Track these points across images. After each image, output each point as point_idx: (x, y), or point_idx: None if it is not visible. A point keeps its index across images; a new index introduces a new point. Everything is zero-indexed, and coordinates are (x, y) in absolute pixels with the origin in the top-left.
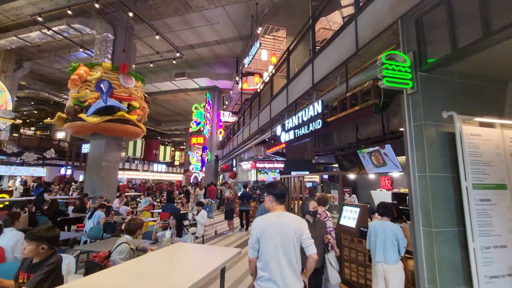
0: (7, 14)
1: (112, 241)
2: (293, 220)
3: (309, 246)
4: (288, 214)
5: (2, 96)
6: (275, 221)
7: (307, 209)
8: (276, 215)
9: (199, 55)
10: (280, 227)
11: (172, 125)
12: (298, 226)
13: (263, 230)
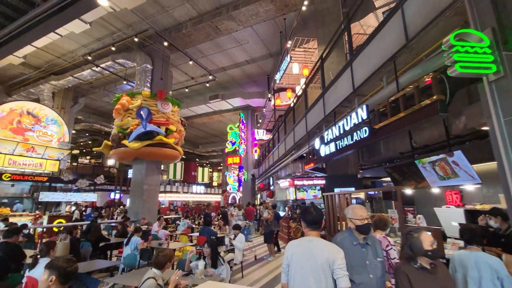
0: (65, 57)
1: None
2: (325, 246)
3: (341, 277)
4: (320, 241)
5: (60, 129)
6: (306, 246)
7: (420, 247)
8: (307, 240)
9: (231, 76)
10: (310, 253)
11: (209, 146)
12: (331, 254)
13: (293, 254)
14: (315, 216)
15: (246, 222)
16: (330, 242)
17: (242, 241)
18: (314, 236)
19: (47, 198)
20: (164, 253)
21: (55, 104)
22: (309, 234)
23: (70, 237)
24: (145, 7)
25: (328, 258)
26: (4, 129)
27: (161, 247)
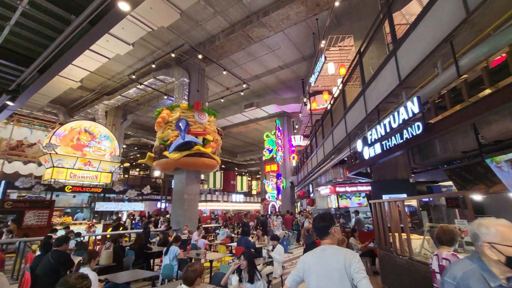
0: (114, 79)
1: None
2: (339, 252)
3: (360, 280)
4: (333, 247)
5: (112, 144)
6: (319, 256)
7: None
8: (321, 249)
9: (265, 84)
10: (324, 262)
11: (247, 155)
12: (346, 259)
13: (309, 265)
14: (320, 225)
15: (285, 232)
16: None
17: (281, 252)
18: (326, 244)
19: (102, 207)
20: (193, 267)
21: (108, 122)
22: (322, 243)
23: (114, 245)
24: (180, 24)
25: (344, 263)
26: (66, 146)
27: (196, 258)
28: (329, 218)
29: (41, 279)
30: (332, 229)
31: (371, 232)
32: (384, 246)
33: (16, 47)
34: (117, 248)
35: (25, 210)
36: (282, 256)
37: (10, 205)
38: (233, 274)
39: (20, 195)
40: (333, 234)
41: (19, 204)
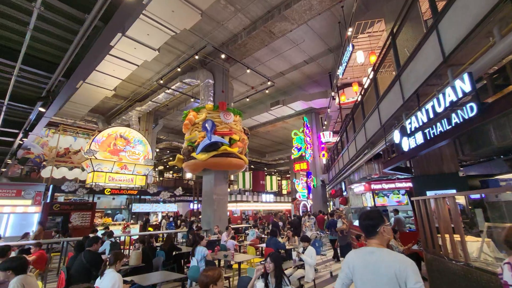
0: (144, 86)
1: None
2: (391, 259)
3: None
4: (384, 251)
5: (145, 148)
6: (367, 259)
7: None
8: (368, 251)
9: (290, 80)
10: (373, 268)
11: (276, 154)
12: (401, 269)
13: (353, 267)
14: (366, 223)
15: (317, 233)
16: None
17: (312, 255)
18: (374, 245)
19: (138, 209)
20: (206, 272)
21: (141, 127)
22: (369, 244)
23: (142, 246)
24: (202, 26)
25: (396, 272)
26: (104, 151)
27: (225, 260)
28: (377, 216)
29: (74, 278)
30: (381, 228)
31: (414, 233)
32: (432, 249)
33: (40, 53)
34: (146, 249)
35: (71, 212)
36: (314, 259)
37: (58, 207)
38: (259, 279)
39: (67, 198)
40: (382, 234)
41: (65, 207)
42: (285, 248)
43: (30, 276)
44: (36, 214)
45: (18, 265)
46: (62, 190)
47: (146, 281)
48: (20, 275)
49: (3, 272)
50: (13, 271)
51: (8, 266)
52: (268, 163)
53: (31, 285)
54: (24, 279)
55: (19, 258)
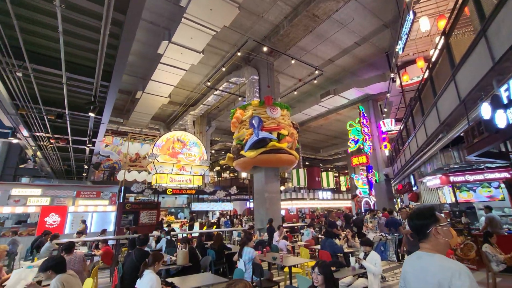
0: (196, 90)
1: None
2: (438, 266)
3: None
4: (433, 257)
5: (200, 149)
6: (414, 266)
7: None
8: (416, 256)
9: (341, 67)
10: (419, 275)
11: (331, 149)
12: (446, 276)
13: (406, 276)
14: (414, 223)
15: (382, 235)
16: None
17: (377, 261)
18: (425, 250)
19: (197, 208)
20: (233, 286)
21: (195, 130)
22: (421, 248)
23: (189, 246)
24: (242, 21)
25: (440, 281)
26: (164, 155)
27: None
28: (428, 214)
29: (126, 275)
30: (432, 229)
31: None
32: None
33: (78, 58)
34: (193, 248)
35: (140, 210)
36: (379, 266)
37: (129, 207)
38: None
39: (137, 198)
40: (434, 237)
41: (135, 206)
42: (342, 252)
43: (71, 275)
44: (113, 213)
45: (57, 264)
46: (131, 191)
47: (185, 284)
48: (60, 274)
49: (44, 272)
50: (53, 270)
51: (48, 266)
52: (324, 159)
53: (71, 284)
54: (64, 278)
55: (58, 258)
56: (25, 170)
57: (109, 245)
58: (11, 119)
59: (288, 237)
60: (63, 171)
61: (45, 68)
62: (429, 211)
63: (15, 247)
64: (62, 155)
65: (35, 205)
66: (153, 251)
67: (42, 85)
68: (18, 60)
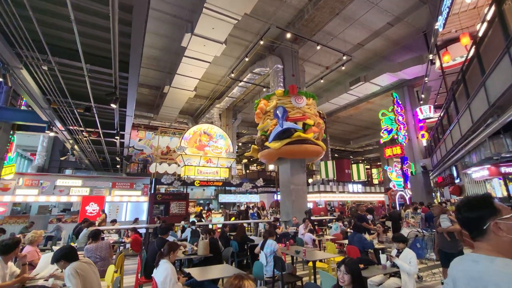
0: (221, 83)
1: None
2: (500, 273)
3: None
4: (495, 262)
5: (226, 142)
6: (469, 272)
7: None
8: (471, 259)
9: (371, 51)
10: (474, 284)
11: (362, 140)
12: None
13: (454, 279)
14: (466, 216)
15: (418, 231)
16: None
17: (412, 260)
18: (482, 251)
19: (224, 199)
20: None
21: (222, 123)
22: (476, 249)
23: (210, 236)
24: (265, 8)
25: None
26: (192, 147)
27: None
28: (483, 204)
29: (148, 263)
30: (490, 223)
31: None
32: None
33: (93, 49)
34: (214, 239)
35: (170, 201)
36: (415, 265)
37: (160, 197)
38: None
39: (167, 189)
40: (494, 234)
41: (165, 197)
42: (373, 248)
43: (85, 262)
44: (145, 203)
45: (67, 254)
46: (161, 182)
47: (201, 275)
48: (73, 262)
49: (57, 263)
50: (65, 259)
51: (59, 257)
52: (354, 151)
53: (85, 271)
54: (77, 265)
55: (67, 247)
56: (68, 163)
57: (138, 233)
58: (46, 113)
59: (316, 230)
60: (99, 163)
61: (67, 61)
62: (484, 200)
63: (59, 233)
64: (96, 148)
65: (76, 195)
66: (180, 240)
67: (67, 79)
68: (41, 54)
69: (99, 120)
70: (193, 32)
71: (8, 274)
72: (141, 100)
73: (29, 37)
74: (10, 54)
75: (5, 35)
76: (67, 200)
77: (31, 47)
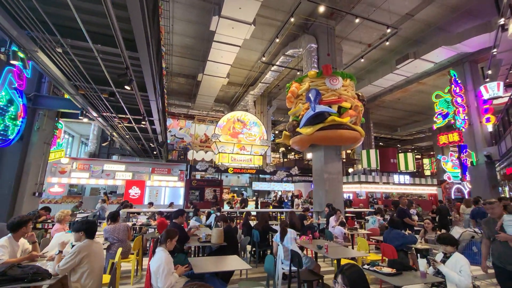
0: (254, 69)
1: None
2: None
3: None
4: None
5: (260, 129)
6: None
7: None
8: None
9: (423, 22)
10: None
11: (411, 127)
12: None
13: None
14: None
15: (474, 231)
16: None
17: (463, 268)
18: None
19: (257, 187)
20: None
21: (256, 110)
22: None
23: (225, 224)
24: None
25: None
26: (226, 135)
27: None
28: None
29: None
30: None
31: None
32: None
33: (96, 27)
34: (229, 227)
35: (205, 187)
36: (468, 276)
37: (195, 183)
38: None
39: (202, 176)
40: None
41: (200, 183)
42: (415, 242)
43: (97, 243)
44: (182, 188)
45: (89, 228)
46: (196, 169)
47: (201, 266)
48: (87, 239)
49: (76, 232)
50: (85, 232)
51: (81, 228)
52: (402, 139)
53: (93, 252)
54: (87, 247)
55: (92, 222)
56: (115, 150)
57: (164, 217)
58: (77, 100)
59: (351, 223)
60: (140, 150)
61: (77, 42)
62: None
63: (103, 213)
64: (133, 135)
65: (121, 179)
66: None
67: (84, 63)
68: (52, 35)
69: (126, 106)
70: (220, 14)
71: (21, 250)
72: (179, 89)
73: (33, 16)
74: (23, 37)
75: (12, 16)
76: (113, 183)
77: (39, 28)
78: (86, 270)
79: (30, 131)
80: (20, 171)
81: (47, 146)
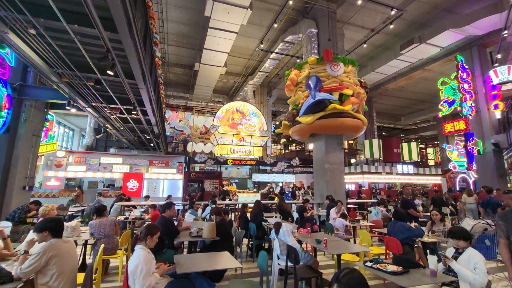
0: (252, 57)
1: None
2: None
3: None
4: None
5: (259, 120)
6: None
7: None
8: None
9: (429, 3)
10: None
11: (415, 116)
12: None
13: None
14: None
15: (488, 223)
16: None
17: (477, 265)
18: None
19: (257, 178)
20: None
21: (256, 100)
22: None
23: (219, 218)
24: None
25: None
26: (224, 126)
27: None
28: None
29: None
30: None
31: None
32: None
33: (66, 3)
34: (222, 221)
35: (204, 179)
36: (483, 274)
37: (194, 175)
38: None
39: (201, 168)
40: None
41: (199, 175)
42: (423, 235)
43: (65, 242)
44: (181, 181)
45: (55, 226)
46: (195, 161)
47: (184, 265)
48: (54, 239)
49: (39, 233)
50: (50, 231)
51: (46, 227)
52: (406, 128)
53: (61, 251)
54: (54, 247)
55: (58, 219)
56: (113, 142)
57: (158, 210)
58: (62, 89)
59: (353, 215)
60: (137, 142)
61: (51, 22)
62: None
63: None
64: (128, 127)
65: (118, 172)
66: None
67: (63, 47)
68: (21, 14)
69: (115, 95)
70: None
71: None
72: (177, 80)
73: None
74: None
75: None
76: (110, 176)
77: (5, 5)
78: (55, 272)
79: (17, 122)
80: (8, 164)
81: (36, 139)
